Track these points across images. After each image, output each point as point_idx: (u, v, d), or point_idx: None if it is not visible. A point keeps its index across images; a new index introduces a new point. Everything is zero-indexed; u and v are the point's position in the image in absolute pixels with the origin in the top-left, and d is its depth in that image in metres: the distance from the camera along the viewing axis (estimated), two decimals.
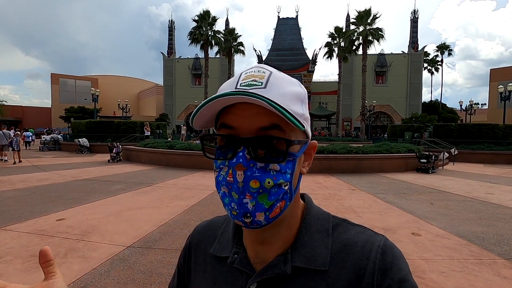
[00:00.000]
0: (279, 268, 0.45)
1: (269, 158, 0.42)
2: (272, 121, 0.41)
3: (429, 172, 9.78)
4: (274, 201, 0.42)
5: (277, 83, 0.43)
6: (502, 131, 16.15)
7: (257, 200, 0.41)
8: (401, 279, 0.42)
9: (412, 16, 40.88)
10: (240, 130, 0.42)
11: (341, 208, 5.16)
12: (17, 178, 7.95)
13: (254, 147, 0.41)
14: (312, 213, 0.51)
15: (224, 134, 0.44)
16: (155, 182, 7.58)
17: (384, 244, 0.46)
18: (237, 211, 0.42)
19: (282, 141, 0.42)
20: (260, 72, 0.44)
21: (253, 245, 0.49)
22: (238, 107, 0.42)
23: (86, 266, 2.83)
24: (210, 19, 29.11)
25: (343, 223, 0.51)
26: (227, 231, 0.54)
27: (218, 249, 0.53)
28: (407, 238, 3.71)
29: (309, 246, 0.47)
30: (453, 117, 36.37)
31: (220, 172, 0.44)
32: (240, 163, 0.40)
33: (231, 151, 0.42)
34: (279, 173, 0.42)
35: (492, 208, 5.22)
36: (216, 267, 0.52)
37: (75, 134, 19.90)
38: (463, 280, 2.65)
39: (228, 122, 0.43)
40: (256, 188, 0.41)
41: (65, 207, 4.98)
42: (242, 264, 0.48)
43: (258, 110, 0.41)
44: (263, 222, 0.42)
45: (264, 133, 0.42)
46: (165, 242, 3.50)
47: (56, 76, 49.19)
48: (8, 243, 3.37)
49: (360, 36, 27.30)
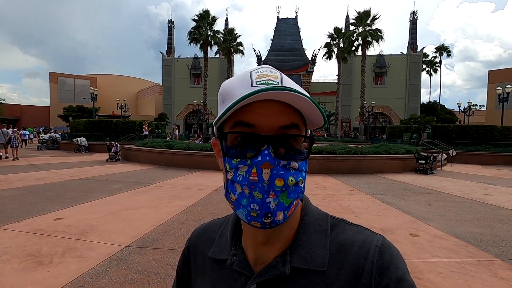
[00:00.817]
0: (278, 269, 0.45)
1: (290, 156, 0.42)
2: (292, 120, 0.42)
3: (427, 173, 9.81)
4: (292, 200, 0.42)
5: (289, 82, 0.44)
6: (500, 133, 16.21)
7: (279, 199, 0.41)
8: (399, 278, 0.42)
9: (411, 18, 40.99)
10: (260, 128, 0.41)
11: (340, 208, 5.17)
12: (15, 177, 7.92)
13: (276, 145, 0.41)
14: (310, 213, 0.51)
15: (244, 131, 0.42)
16: (153, 181, 7.57)
17: (382, 244, 0.46)
18: (258, 212, 0.41)
19: (299, 139, 0.43)
20: (272, 72, 0.45)
21: (255, 246, 0.49)
22: (256, 105, 0.41)
23: (84, 266, 2.82)
24: (210, 19, 29.14)
25: (340, 223, 0.51)
26: (225, 234, 0.54)
27: (216, 251, 0.53)
28: (405, 239, 3.72)
29: (307, 247, 0.47)
30: (452, 118, 36.47)
31: (237, 173, 0.42)
32: (267, 161, 0.40)
33: (252, 149, 0.41)
34: (297, 171, 0.43)
35: (489, 209, 5.24)
36: (215, 270, 0.52)
37: (73, 133, 19.83)
38: (461, 280, 2.66)
39: (247, 120, 0.42)
40: (280, 186, 0.41)
41: (63, 206, 4.96)
42: (241, 266, 0.48)
43: (279, 109, 0.41)
44: (281, 221, 0.42)
45: (284, 131, 0.42)
46: (164, 242, 3.49)
47: (55, 75, 49.03)
48: (6, 243, 3.36)
49: (359, 37, 27.38)
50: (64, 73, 51.15)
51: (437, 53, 44.31)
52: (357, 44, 28.08)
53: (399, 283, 0.42)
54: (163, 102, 43.57)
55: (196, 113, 35.39)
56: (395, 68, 39.34)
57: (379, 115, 40.33)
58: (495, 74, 40.06)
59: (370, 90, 36.15)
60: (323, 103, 40.09)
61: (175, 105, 42.95)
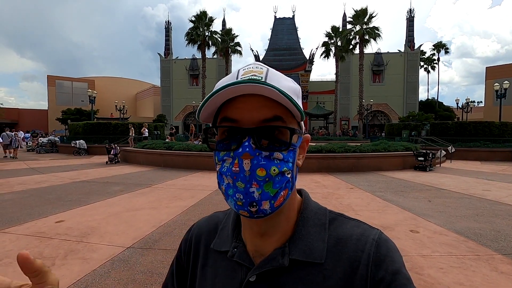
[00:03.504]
0: (277, 261, 0.46)
1: (273, 147, 0.43)
2: (275, 113, 0.43)
3: (426, 170, 9.84)
4: (278, 189, 0.43)
5: (275, 78, 0.45)
6: (498, 129, 16.27)
7: (263, 189, 0.42)
8: (394, 271, 0.43)
9: (408, 15, 41.02)
10: (243, 122, 0.43)
11: (340, 206, 5.18)
12: (15, 180, 7.91)
13: (259, 137, 0.43)
14: (309, 207, 0.52)
15: (227, 125, 0.45)
16: (153, 183, 7.57)
17: (379, 237, 0.47)
18: (243, 201, 0.42)
19: (283, 132, 0.44)
20: (258, 68, 0.46)
21: (253, 238, 0.50)
22: (240, 100, 0.43)
23: (86, 267, 2.83)
24: (207, 20, 29.12)
25: (339, 217, 0.52)
26: (227, 226, 0.56)
27: (218, 243, 0.54)
28: (405, 235, 3.74)
29: (306, 240, 0.48)
30: (450, 115, 36.55)
31: (223, 164, 0.45)
32: (246, 152, 0.41)
33: (235, 142, 0.43)
34: (282, 161, 0.44)
35: (489, 205, 5.27)
36: (217, 261, 0.53)
37: (72, 136, 19.80)
38: (461, 275, 2.68)
39: (231, 115, 0.44)
40: (263, 176, 0.42)
41: (63, 209, 4.97)
42: (242, 258, 0.50)
43: (261, 103, 0.43)
44: (268, 210, 0.43)
45: (267, 124, 0.43)
46: (165, 242, 3.51)
47: (53, 78, 48.84)
48: (7, 246, 3.36)
49: (357, 35, 27.43)
50: (61, 76, 50.96)
51: (435, 50, 44.44)
52: (355, 43, 28.14)
53: (394, 275, 0.43)
54: (162, 104, 43.48)
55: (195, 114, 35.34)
56: (392, 66, 39.37)
57: (377, 113, 40.37)
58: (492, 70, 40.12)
59: (368, 88, 36.18)
60: (321, 102, 40.11)
61: (174, 106, 42.88)
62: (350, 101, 39.25)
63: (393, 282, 0.43)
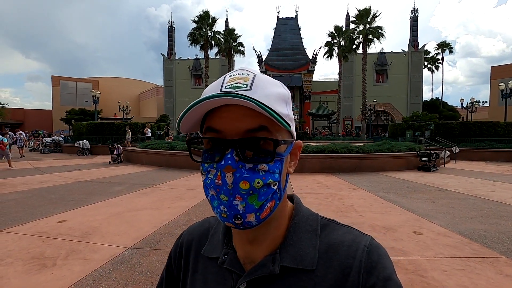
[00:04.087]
0: (267, 268, 0.46)
1: (257, 159, 0.42)
2: (259, 123, 0.42)
3: (430, 170, 9.75)
4: (264, 201, 0.42)
5: (261, 84, 0.43)
6: (504, 129, 16.10)
7: (247, 202, 0.41)
8: (386, 278, 0.43)
9: (412, 15, 40.76)
10: (226, 133, 0.42)
11: (342, 207, 5.15)
12: (19, 180, 7.97)
13: (242, 149, 0.41)
14: (300, 213, 0.52)
15: (210, 137, 0.44)
16: (156, 183, 7.58)
17: (370, 244, 0.47)
18: (227, 213, 0.42)
19: (269, 142, 0.42)
20: (245, 74, 0.44)
21: (243, 245, 0.50)
22: (223, 109, 0.42)
23: (87, 268, 2.83)
24: (210, 20, 29.13)
25: (331, 223, 0.52)
26: (218, 232, 0.55)
27: (209, 250, 0.54)
28: (408, 236, 3.69)
29: (297, 246, 0.48)
30: (454, 115, 36.25)
31: (207, 175, 0.44)
32: (229, 165, 0.40)
33: (219, 153, 0.42)
34: (267, 173, 0.42)
35: (494, 206, 5.20)
36: (207, 268, 0.52)
37: (76, 136, 19.93)
38: (465, 278, 2.63)
39: (214, 126, 0.43)
40: (246, 189, 0.41)
41: (66, 209, 4.99)
42: (232, 265, 0.49)
43: (245, 112, 0.41)
44: (254, 222, 0.42)
45: (251, 135, 0.42)
46: (166, 243, 3.50)
47: (57, 79, 49.22)
48: (9, 246, 3.38)
49: (360, 35, 27.28)
50: (66, 77, 51.31)
51: (439, 49, 44.09)
52: (358, 42, 27.96)
53: (386, 282, 0.43)
54: (165, 104, 43.65)
55: None
56: (396, 66, 39.14)
57: (381, 113, 40.15)
58: (497, 70, 39.73)
59: (371, 88, 35.99)
60: (324, 102, 39.98)
61: (177, 106, 42.99)
62: (353, 101, 39.10)
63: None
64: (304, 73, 37.33)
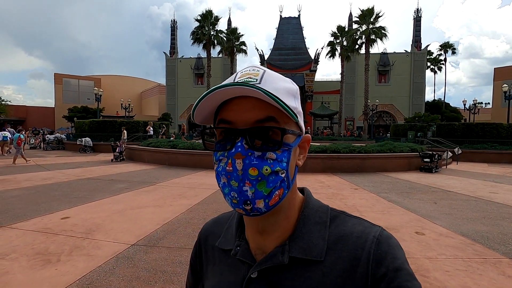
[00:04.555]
0: (277, 259, 0.47)
1: (266, 147, 0.44)
2: (268, 114, 0.44)
3: (432, 171, 9.74)
4: (272, 188, 0.44)
5: (270, 79, 0.46)
6: (506, 130, 16.02)
7: (256, 188, 0.43)
8: (396, 268, 0.43)
9: (415, 15, 40.61)
10: (237, 123, 0.45)
11: (344, 207, 5.15)
12: (22, 177, 8.01)
13: (251, 137, 0.44)
14: (310, 205, 0.53)
15: (222, 127, 0.47)
16: (158, 181, 7.61)
17: (380, 234, 0.47)
18: (238, 199, 0.44)
19: (277, 132, 0.45)
20: (255, 70, 0.47)
21: (254, 236, 0.52)
22: (235, 102, 0.45)
23: (91, 264, 2.85)
24: (213, 19, 29.14)
25: (341, 215, 0.52)
26: (232, 226, 0.57)
27: (223, 242, 0.56)
28: (410, 237, 3.70)
29: (306, 238, 0.49)
30: (457, 116, 36.12)
31: (219, 164, 0.46)
32: (238, 152, 0.43)
33: (230, 142, 0.45)
34: (275, 161, 0.44)
35: (496, 207, 5.20)
36: (223, 260, 0.55)
37: (78, 133, 20.00)
38: (468, 279, 2.64)
39: (226, 117, 0.46)
40: (255, 175, 0.43)
41: (69, 205, 5.02)
42: (244, 255, 0.51)
43: (254, 104, 0.44)
44: (263, 209, 0.44)
45: (260, 125, 0.44)
46: (169, 240, 3.52)
47: (60, 76, 49.38)
48: (14, 241, 3.41)
49: (363, 35, 27.21)
50: (68, 74, 51.46)
51: (442, 50, 43.91)
52: (361, 43, 27.91)
53: (396, 272, 0.43)
54: (167, 102, 43.69)
55: None
56: (399, 66, 39.02)
57: (383, 114, 40.06)
58: (501, 71, 39.54)
59: (373, 89, 35.89)
60: (326, 102, 39.93)
61: (179, 105, 43.05)
62: (355, 101, 39.01)
63: (395, 278, 0.42)
64: (306, 73, 37.28)
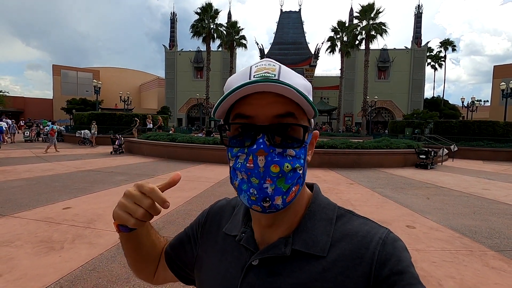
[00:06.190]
0: (279, 249, 0.48)
1: (286, 144, 0.45)
2: (287, 109, 0.44)
3: (427, 168, 9.88)
4: (290, 185, 0.45)
5: (287, 75, 0.46)
6: (503, 128, 16.18)
7: (276, 184, 0.43)
8: (401, 270, 0.42)
9: (416, 11, 40.41)
10: (257, 119, 0.44)
11: (339, 201, 5.28)
12: (22, 168, 8.09)
13: (272, 134, 0.44)
14: (317, 202, 0.53)
15: (242, 122, 0.46)
16: (157, 173, 7.71)
17: (386, 236, 0.46)
18: (257, 196, 0.44)
19: (297, 128, 0.45)
20: (271, 65, 0.47)
21: (260, 229, 0.53)
22: (253, 97, 0.44)
23: (93, 252, 2.97)
24: (212, 12, 28.91)
25: (348, 214, 0.53)
26: (239, 213, 0.59)
27: (229, 228, 0.58)
28: (401, 230, 3.83)
29: (310, 232, 0.49)
30: (455, 113, 36.24)
31: (237, 160, 0.46)
32: (261, 149, 0.42)
33: (249, 138, 0.45)
34: (294, 158, 0.45)
35: (487, 203, 5.34)
36: (226, 242, 0.57)
37: (77, 125, 20.01)
38: (453, 269, 2.77)
39: (245, 112, 0.45)
40: (276, 172, 0.43)
41: (70, 196, 5.12)
42: (248, 242, 0.52)
43: (274, 99, 0.44)
44: (280, 205, 0.45)
45: (280, 120, 0.44)
46: (168, 230, 3.63)
47: (58, 68, 48.98)
48: (17, 229, 3.51)
49: (363, 31, 27.11)
50: (67, 66, 50.99)
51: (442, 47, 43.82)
52: (361, 38, 27.82)
53: (401, 275, 0.42)
54: (166, 96, 43.57)
55: (199, 106, 35.47)
56: (398, 63, 38.99)
57: (381, 110, 40.16)
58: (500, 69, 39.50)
59: (373, 85, 35.90)
60: (325, 97, 39.96)
61: (178, 98, 42.95)
62: (354, 97, 39.04)
63: (399, 281, 0.42)
64: (306, 68, 37.20)
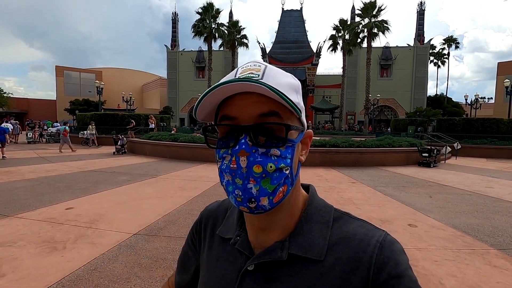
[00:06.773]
0: (276, 254, 0.47)
1: (270, 144, 0.44)
2: (271, 108, 0.43)
3: (430, 166, 9.82)
4: (276, 185, 0.44)
5: (272, 74, 0.45)
6: (506, 126, 16.01)
7: (260, 185, 0.43)
8: (399, 274, 0.42)
9: (418, 8, 40.14)
10: (240, 119, 0.44)
11: (341, 200, 5.27)
12: (26, 169, 8.16)
13: (255, 134, 0.43)
14: (314, 204, 0.52)
15: (225, 124, 0.46)
16: (159, 173, 7.75)
17: (384, 239, 0.46)
18: (242, 197, 0.44)
19: (281, 128, 0.44)
20: (256, 66, 0.47)
21: (255, 231, 0.51)
22: (237, 98, 0.44)
23: (95, 252, 2.99)
24: (214, 12, 28.98)
25: (344, 216, 0.52)
26: (233, 215, 0.58)
27: (223, 231, 0.57)
28: (403, 229, 3.82)
29: (307, 236, 0.48)
30: (458, 111, 35.99)
31: (223, 161, 0.46)
32: (243, 149, 0.42)
33: (233, 139, 0.44)
34: (279, 158, 0.44)
35: (490, 202, 5.30)
36: (221, 246, 0.56)
37: (80, 126, 20.13)
38: (454, 268, 2.76)
39: (229, 113, 0.45)
40: (259, 173, 0.43)
41: (73, 196, 5.16)
42: (243, 246, 0.51)
43: (257, 99, 0.43)
44: (267, 206, 0.44)
45: (263, 119, 0.44)
46: (170, 230, 3.65)
47: (61, 69, 49.31)
48: (21, 230, 3.54)
49: (365, 29, 27.05)
50: (69, 67, 51.31)
51: (445, 44, 43.52)
52: (363, 36, 27.76)
53: (398, 279, 0.42)
54: (168, 95, 43.73)
55: None
56: (401, 61, 38.78)
57: (384, 108, 39.99)
58: (504, 66, 39.16)
59: (375, 83, 35.80)
60: (328, 96, 39.85)
61: (180, 98, 43.08)
62: (356, 95, 38.90)
63: (397, 285, 0.41)
64: (308, 67, 37.14)
